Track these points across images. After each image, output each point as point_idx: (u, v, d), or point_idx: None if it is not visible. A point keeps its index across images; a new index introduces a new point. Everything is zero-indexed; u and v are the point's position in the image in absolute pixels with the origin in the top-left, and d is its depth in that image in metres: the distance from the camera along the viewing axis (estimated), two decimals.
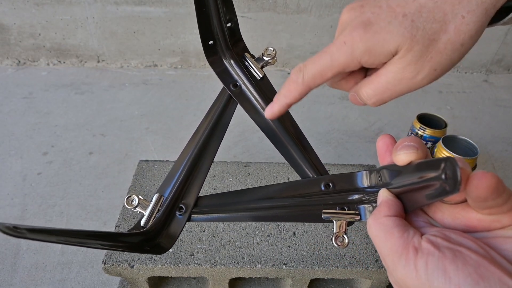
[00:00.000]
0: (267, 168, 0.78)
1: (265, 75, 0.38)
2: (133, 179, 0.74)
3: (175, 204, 0.35)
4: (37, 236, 0.22)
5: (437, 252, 0.21)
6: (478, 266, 0.20)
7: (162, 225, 0.33)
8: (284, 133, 0.37)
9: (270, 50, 0.39)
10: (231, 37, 0.39)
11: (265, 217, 0.34)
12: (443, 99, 1.36)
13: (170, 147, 1.07)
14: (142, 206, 0.33)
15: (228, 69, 0.39)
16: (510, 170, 1.04)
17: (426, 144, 0.85)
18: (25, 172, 0.97)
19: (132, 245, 0.31)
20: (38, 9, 1.28)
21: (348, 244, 0.31)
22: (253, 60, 0.39)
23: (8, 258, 0.77)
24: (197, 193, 0.36)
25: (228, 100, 0.39)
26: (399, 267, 0.22)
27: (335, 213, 0.32)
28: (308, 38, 1.39)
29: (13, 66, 1.40)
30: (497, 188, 0.21)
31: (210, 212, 0.35)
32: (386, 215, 0.25)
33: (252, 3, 1.30)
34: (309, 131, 1.16)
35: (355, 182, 0.32)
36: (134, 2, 1.28)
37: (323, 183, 0.34)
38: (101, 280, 0.74)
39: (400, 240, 0.23)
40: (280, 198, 0.34)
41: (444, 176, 0.21)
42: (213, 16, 0.37)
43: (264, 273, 0.61)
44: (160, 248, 0.33)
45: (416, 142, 0.25)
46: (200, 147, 0.37)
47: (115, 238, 0.29)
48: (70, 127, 1.13)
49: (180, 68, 1.45)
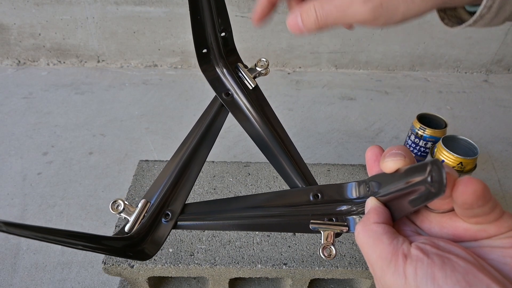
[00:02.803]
0: (267, 168, 0.78)
1: (257, 85, 0.39)
2: (133, 179, 0.74)
3: (161, 210, 0.34)
4: (13, 230, 0.22)
5: (426, 258, 0.21)
6: (467, 273, 0.20)
7: (147, 231, 0.33)
8: (274, 142, 0.38)
9: (263, 61, 0.39)
10: (225, 46, 0.39)
11: (252, 225, 0.34)
12: (443, 99, 1.36)
13: (170, 147, 1.07)
14: (127, 211, 0.33)
15: (220, 77, 0.39)
16: (510, 170, 1.04)
17: (426, 144, 0.86)
18: (25, 172, 0.97)
19: (114, 249, 0.30)
20: (38, 9, 1.28)
21: (335, 255, 0.31)
22: (245, 70, 0.39)
23: (8, 258, 0.77)
24: (184, 200, 0.35)
25: (219, 109, 0.39)
26: (388, 274, 0.22)
27: (323, 223, 0.32)
28: (308, 38, 1.39)
29: (13, 66, 1.40)
30: (483, 194, 0.21)
31: (197, 219, 0.35)
32: (375, 222, 0.25)
33: (252, 3, 1.30)
34: (309, 131, 1.16)
35: (344, 193, 0.32)
36: (134, 2, 1.28)
37: (311, 193, 0.34)
38: (101, 280, 0.74)
39: (390, 247, 0.23)
40: (268, 207, 0.34)
41: (430, 179, 0.21)
42: (208, 25, 0.37)
43: (264, 273, 0.61)
44: (144, 254, 0.32)
45: (403, 150, 0.25)
46: (189, 154, 0.37)
47: (96, 241, 0.29)
48: (70, 127, 1.13)
49: (180, 68, 1.45)
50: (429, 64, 1.49)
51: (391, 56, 1.46)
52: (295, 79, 1.43)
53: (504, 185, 0.99)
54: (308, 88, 1.38)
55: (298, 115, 1.23)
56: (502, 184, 1.00)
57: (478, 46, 1.44)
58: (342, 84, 1.41)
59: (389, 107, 1.29)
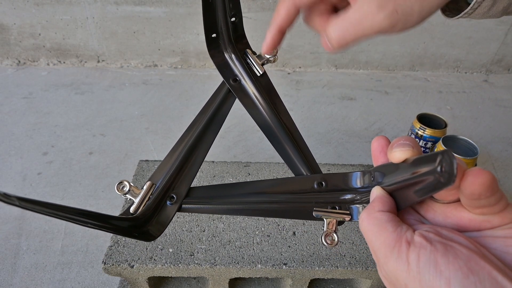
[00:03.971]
0: (267, 168, 0.78)
1: (265, 72, 0.39)
2: (133, 179, 0.74)
3: (166, 193, 0.35)
4: (27, 205, 0.22)
5: (429, 245, 0.22)
6: (469, 260, 0.20)
7: (152, 212, 0.34)
8: (281, 130, 0.38)
9: None
10: (234, 32, 0.39)
11: (256, 211, 0.34)
12: (443, 99, 1.36)
13: (170, 147, 1.07)
14: (133, 193, 0.33)
15: (228, 63, 0.39)
16: (510, 170, 1.04)
17: (426, 144, 0.86)
18: (25, 172, 0.97)
19: (120, 229, 0.31)
20: (38, 9, 1.28)
21: (337, 243, 0.31)
22: (254, 56, 0.39)
23: (8, 258, 0.77)
24: (189, 183, 0.36)
25: (226, 94, 0.39)
26: (391, 260, 0.22)
27: (326, 211, 0.32)
28: (308, 38, 1.39)
29: (13, 66, 1.40)
30: (491, 186, 0.21)
31: (201, 203, 0.35)
32: (380, 210, 0.25)
33: (252, 3, 1.30)
34: (309, 131, 1.16)
35: (348, 182, 0.33)
36: (134, 2, 1.28)
37: (316, 181, 0.34)
38: (101, 280, 0.74)
39: (393, 234, 0.23)
40: (272, 194, 0.34)
41: (440, 169, 0.22)
42: (219, 9, 0.37)
43: (264, 273, 0.61)
44: (148, 235, 0.33)
45: (411, 141, 0.26)
46: (195, 139, 0.37)
47: (104, 220, 0.29)
48: (70, 127, 1.13)
49: (180, 68, 1.45)
50: (429, 64, 1.49)
51: (391, 56, 1.46)
52: (295, 79, 1.43)
53: (504, 185, 0.99)
54: (308, 88, 1.38)
55: (298, 115, 1.23)
56: (502, 184, 1.00)
57: (478, 46, 1.44)
58: (342, 84, 1.41)
59: (389, 107, 1.29)
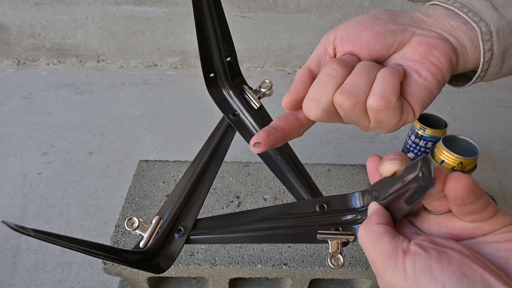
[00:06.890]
0: (267, 168, 0.78)
1: (262, 105, 0.41)
2: (133, 179, 0.74)
3: (174, 226, 0.36)
4: (42, 236, 0.24)
5: (423, 252, 0.23)
6: (462, 265, 0.21)
7: (161, 246, 0.35)
8: (281, 159, 0.40)
9: (266, 82, 0.41)
10: (230, 70, 0.41)
11: (262, 237, 0.35)
12: (443, 99, 1.36)
13: (170, 147, 1.07)
14: (142, 228, 0.35)
15: (227, 99, 0.41)
16: (510, 170, 1.04)
17: (426, 144, 0.86)
18: (25, 172, 0.97)
19: (131, 262, 0.32)
20: (38, 9, 1.28)
21: (343, 264, 0.32)
22: (250, 91, 0.41)
23: (8, 258, 0.77)
24: (196, 215, 0.37)
25: (227, 128, 0.41)
26: (389, 269, 0.23)
27: (330, 233, 0.33)
28: (308, 38, 1.39)
29: (13, 66, 1.40)
30: (472, 189, 0.22)
31: (208, 233, 0.36)
32: (377, 223, 0.27)
33: (252, 3, 1.30)
34: (309, 131, 1.15)
35: (349, 203, 0.34)
36: (134, 2, 1.28)
37: (318, 205, 0.35)
38: (101, 280, 0.74)
39: (390, 244, 0.24)
40: (277, 219, 0.36)
41: (422, 174, 0.23)
42: (214, 51, 0.39)
43: (264, 273, 0.61)
44: (158, 268, 0.34)
45: (399, 155, 0.27)
46: (200, 172, 0.39)
47: (116, 253, 0.31)
48: (70, 127, 1.13)
49: (180, 68, 1.45)
50: None
51: None
52: None
53: (504, 185, 0.99)
54: None
55: None
56: (502, 184, 1.00)
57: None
58: None
59: None
